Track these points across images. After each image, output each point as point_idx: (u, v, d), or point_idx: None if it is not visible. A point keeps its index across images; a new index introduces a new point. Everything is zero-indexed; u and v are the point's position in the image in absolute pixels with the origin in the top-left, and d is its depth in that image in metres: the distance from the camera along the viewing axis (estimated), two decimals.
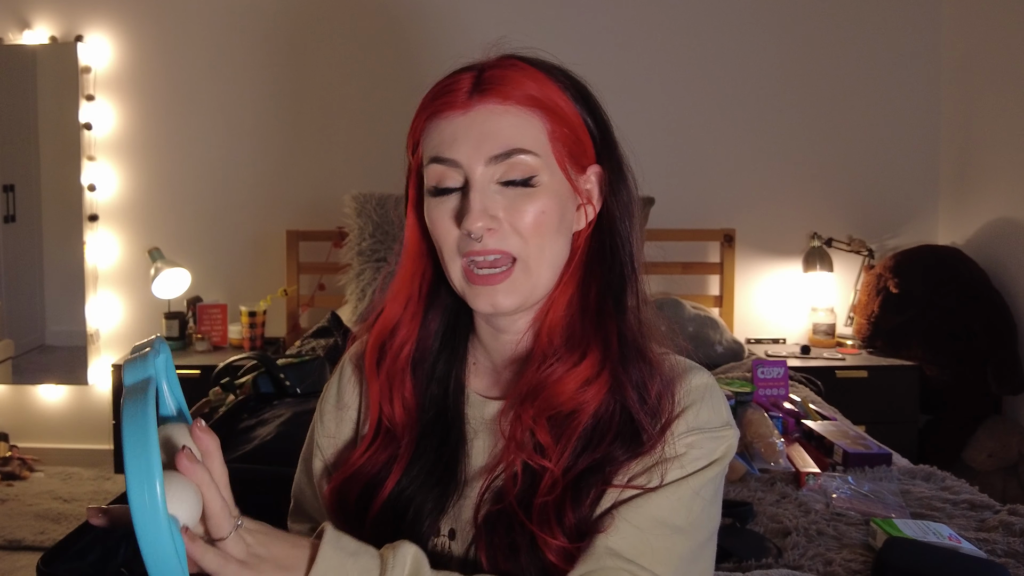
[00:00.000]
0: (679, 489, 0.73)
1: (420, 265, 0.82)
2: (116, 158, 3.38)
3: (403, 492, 0.79)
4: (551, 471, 0.73)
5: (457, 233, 0.75)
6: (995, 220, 3.04)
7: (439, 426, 0.81)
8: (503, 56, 0.77)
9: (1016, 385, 2.85)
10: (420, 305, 0.83)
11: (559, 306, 0.78)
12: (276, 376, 2.17)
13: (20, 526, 2.77)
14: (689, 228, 3.28)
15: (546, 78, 0.76)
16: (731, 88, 3.33)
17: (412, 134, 0.79)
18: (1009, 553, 1.40)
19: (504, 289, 0.74)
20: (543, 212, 0.74)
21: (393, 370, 0.81)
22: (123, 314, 3.39)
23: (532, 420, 0.74)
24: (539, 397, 0.75)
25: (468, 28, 3.26)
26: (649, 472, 0.73)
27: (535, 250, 0.75)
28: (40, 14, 3.33)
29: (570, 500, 0.72)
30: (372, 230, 3.05)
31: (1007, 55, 2.96)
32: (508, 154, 0.73)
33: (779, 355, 3.02)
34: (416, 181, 0.81)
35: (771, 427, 1.90)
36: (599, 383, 0.74)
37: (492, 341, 0.82)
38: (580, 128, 0.77)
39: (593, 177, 0.80)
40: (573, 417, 0.74)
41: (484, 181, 0.74)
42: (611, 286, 0.78)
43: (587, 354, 0.75)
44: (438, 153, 0.75)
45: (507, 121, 0.74)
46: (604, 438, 0.74)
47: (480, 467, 0.80)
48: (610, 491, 0.73)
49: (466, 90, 0.74)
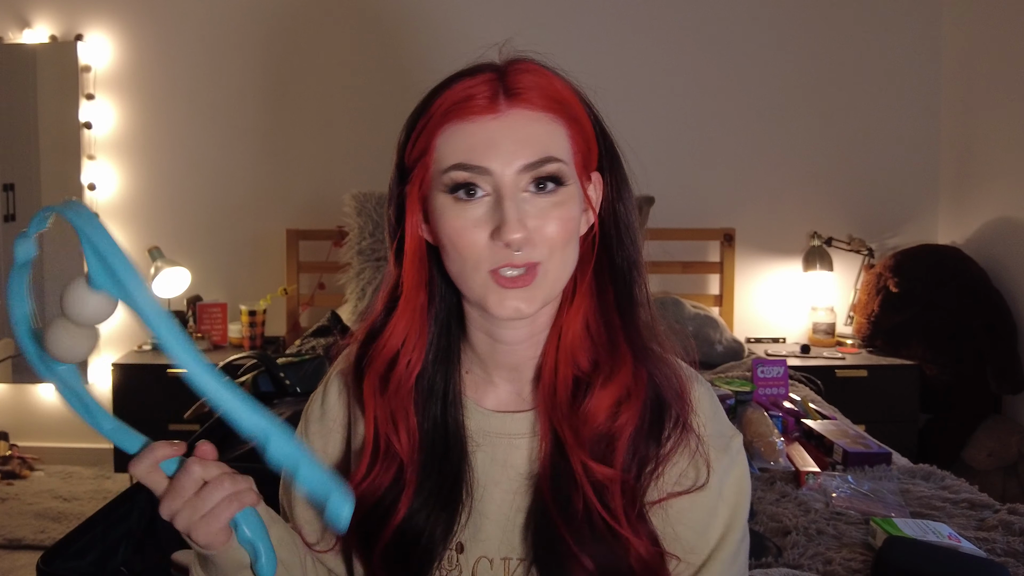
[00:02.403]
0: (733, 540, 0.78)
1: (422, 276, 0.78)
2: (116, 157, 3.38)
3: (413, 517, 0.77)
4: (618, 478, 0.74)
5: (486, 242, 0.71)
6: (995, 219, 3.04)
7: (441, 445, 0.79)
8: (520, 59, 0.75)
9: (1016, 384, 2.85)
10: (424, 321, 0.79)
11: (577, 321, 0.77)
12: (276, 375, 2.17)
13: (20, 525, 2.77)
14: (689, 227, 3.28)
15: (565, 84, 0.75)
16: (731, 88, 3.33)
17: (421, 138, 0.74)
18: (1009, 552, 1.40)
19: (527, 296, 0.72)
20: (570, 220, 0.73)
21: (397, 397, 0.78)
22: (123, 313, 3.37)
23: (576, 440, 0.74)
24: (581, 426, 0.75)
25: (468, 28, 3.26)
26: (693, 468, 0.76)
27: (558, 256, 0.73)
28: (40, 13, 3.33)
29: (638, 506, 0.75)
30: (372, 229, 3.05)
31: (1007, 55, 2.96)
32: (542, 162, 0.71)
33: (779, 354, 3.02)
34: (418, 187, 0.75)
35: (771, 426, 1.90)
36: (637, 392, 0.75)
37: (488, 352, 0.80)
38: (591, 135, 0.77)
39: (595, 183, 0.79)
40: (618, 433, 0.75)
41: (515, 189, 0.71)
42: (626, 291, 0.78)
43: (620, 369, 0.75)
44: (466, 160, 0.71)
45: (539, 128, 0.72)
46: (644, 441, 0.75)
47: (486, 480, 0.79)
48: (652, 492, 0.76)
49: (491, 94, 0.71)
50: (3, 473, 3.19)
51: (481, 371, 0.82)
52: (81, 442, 3.41)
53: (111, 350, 3.37)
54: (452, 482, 0.78)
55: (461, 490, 0.78)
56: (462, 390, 0.81)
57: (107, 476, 3.23)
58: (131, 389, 2.98)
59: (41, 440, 3.42)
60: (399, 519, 0.77)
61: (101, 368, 3.36)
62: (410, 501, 0.77)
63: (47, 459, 3.37)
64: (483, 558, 0.79)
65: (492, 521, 0.79)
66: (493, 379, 0.82)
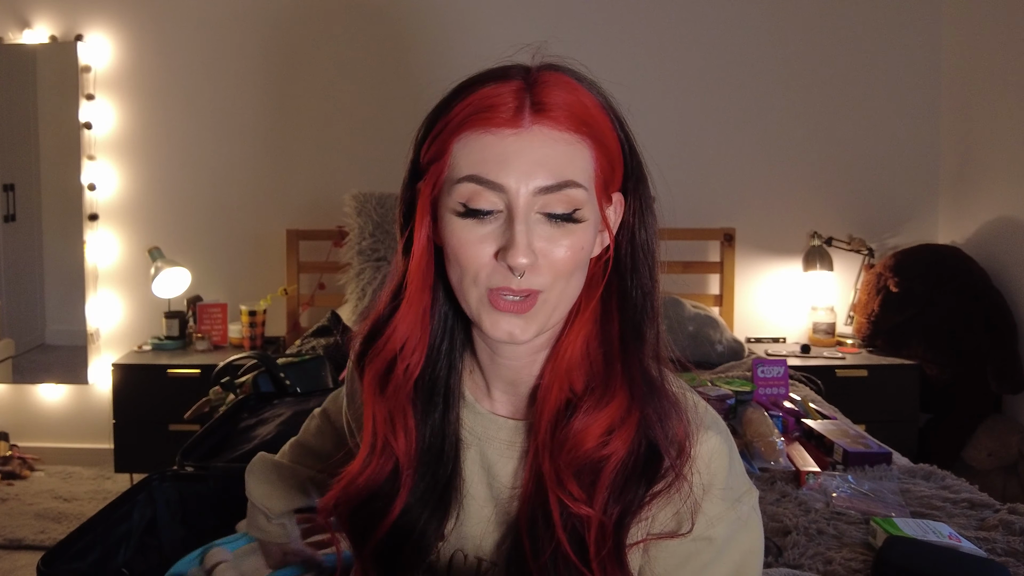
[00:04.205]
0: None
1: (427, 279, 0.76)
2: (116, 157, 3.38)
3: (407, 513, 0.77)
4: (597, 518, 0.71)
5: (489, 261, 0.68)
6: (995, 219, 3.04)
7: (438, 442, 0.78)
8: (549, 68, 0.71)
9: (1016, 384, 2.85)
10: (427, 324, 0.77)
11: (576, 344, 0.74)
12: (276, 375, 2.17)
13: (20, 525, 2.78)
14: (689, 227, 3.28)
15: (595, 101, 0.70)
16: (732, 87, 3.33)
17: (438, 140, 0.71)
18: (1009, 552, 1.40)
19: (523, 323, 0.70)
20: (581, 248, 0.69)
21: (397, 399, 0.77)
22: (123, 313, 3.39)
23: (557, 474, 0.72)
24: (564, 450, 0.72)
25: (468, 28, 3.26)
26: (678, 515, 0.72)
27: (561, 286, 0.70)
28: (40, 13, 3.33)
29: (615, 548, 0.71)
30: (372, 229, 3.05)
31: (1007, 55, 2.96)
32: (560, 187, 0.67)
33: (779, 354, 3.02)
34: (431, 189, 0.72)
35: (771, 426, 1.90)
36: (626, 428, 0.71)
37: (488, 361, 0.79)
38: (617, 155, 0.73)
39: (615, 204, 0.75)
40: (602, 464, 0.72)
41: (528, 210, 0.67)
42: (633, 322, 0.74)
43: (612, 399, 0.71)
44: (481, 173, 0.67)
45: (561, 149, 0.68)
46: (629, 480, 0.72)
47: (473, 482, 0.79)
48: (636, 532, 0.73)
49: (515, 105, 0.67)
50: (3, 473, 3.19)
51: (480, 378, 0.81)
52: (81, 442, 3.41)
53: (111, 350, 3.38)
54: (446, 482, 0.78)
55: (453, 490, 0.78)
56: (462, 388, 0.81)
57: (107, 476, 3.23)
58: (131, 389, 2.98)
59: (41, 440, 3.42)
60: (394, 516, 0.77)
61: (101, 368, 3.37)
62: (407, 494, 0.77)
63: (47, 459, 3.38)
64: (459, 551, 0.79)
65: (471, 522, 0.79)
66: (491, 388, 0.81)
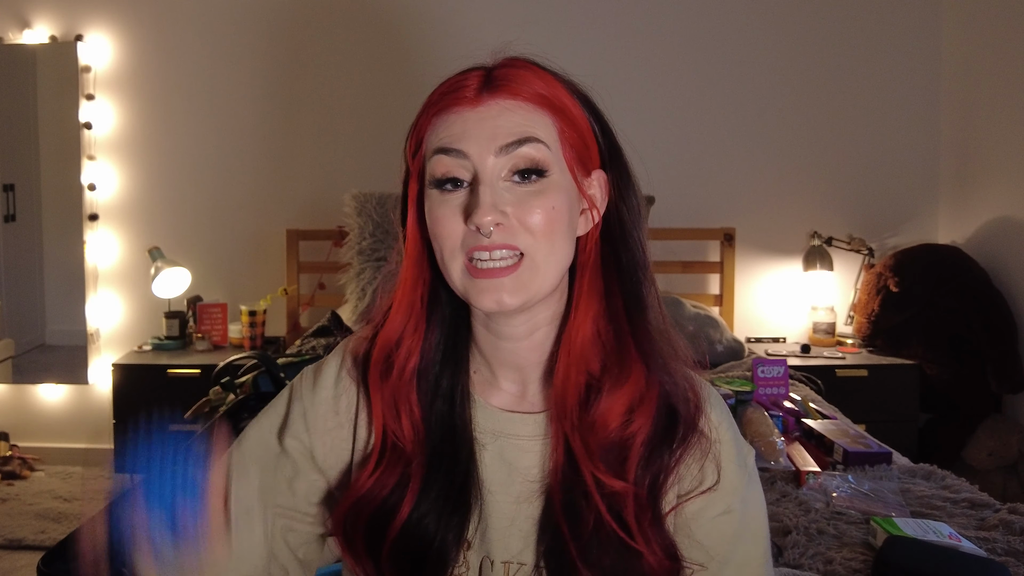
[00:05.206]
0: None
1: (421, 272, 0.79)
2: (116, 157, 3.38)
3: (422, 520, 0.76)
4: (631, 491, 0.73)
5: (463, 229, 0.72)
6: (995, 219, 3.04)
7: (449, 444, 0.78)
8: (512, 57, 0.76)
9: (1016, 384, 2.85)
10: (423, 314, 0.79)
11: (586, 325, 0.76)
12: (276, 375, 2.16)
13: (20, 525, 2.77)
14: (689, 227, 3.28)
15: (555, 80, 0.75)
16: (731, 87, 3.33)
17: (415, 132, 0.77)
18: (1009, 552, 1.40)
19: (510, 286, 0.71)
20: (554, 208, 0.72)
21: (399, 385, 0.78)
22: (123, 313, 3.39)
23: (589, 454, 0.74)
24: (592, 432, 0.74)
25: (468, 28, 3.26)
26: (703, 470, 0.77)
27: (545, 247, 0.72)
28: (40, 13, 3.33)
29: (654, 517, 0.74)
30: (372, 229, 3.05)
31: (1007, 56, 2.96)
32: (520, 142, 0.71)
33: (779, 354, 3.02)
34: (417, 184, 0.77)
35: (771, 426, 1.90)
36: (646, 405, 0.74)
37: (491, 349, 0.80)
38: (587, 132, 0.76)
39: (597, 182, 0.78)
40: (629, 442, 0.74)
41: (494, 176, 0.72)
42: (633, 291, 0.77)
43: (630, 374, 0.74)
44: (445, 144, 0.73)
45: (518, 116, 0.72)
46: (655, 450, 0.75)
47: (492, 482, 0.78)
48: (669, 497, 0.77)
49: (475, 87, 0.73)
50: (3, 473, 3.19)
51: (487, 371, 0.82)
52: (81, 442, 3.41)
53: (111, 350, 3.37)
54: (461, 484, 0.77)
55: (471, 493, 0.78)
56: (470, 388, 0.81)
57: (107, 477, 3.23)
58: (131, 389, 2.98)
59: (41, 440, 3.42)
60: (404, 516, 0.76)
61: (101, 368, 3.37)
62: (415, 497, 0.76)
63: (47, 459, 3.37)
64: (487, 558, 0.79)
65: (496, 524, 0.78)
66: (498, 379, 0.81)
